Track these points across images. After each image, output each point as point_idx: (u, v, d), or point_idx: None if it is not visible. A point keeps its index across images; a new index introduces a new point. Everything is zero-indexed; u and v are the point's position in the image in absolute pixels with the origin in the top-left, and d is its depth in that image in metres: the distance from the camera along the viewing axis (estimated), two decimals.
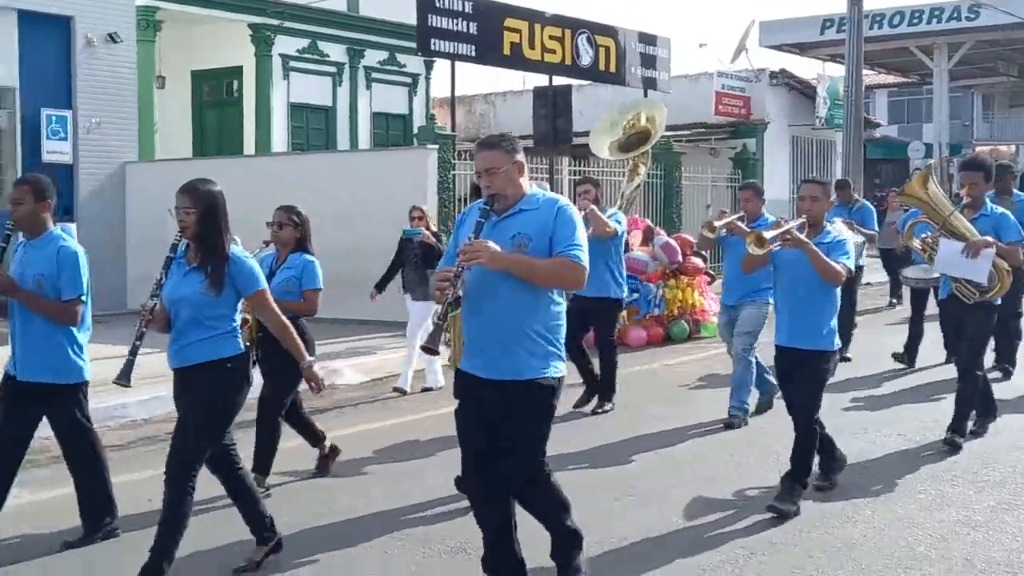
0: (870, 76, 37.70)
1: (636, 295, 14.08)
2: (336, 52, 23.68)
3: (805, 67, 33.26)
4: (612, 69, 20.61)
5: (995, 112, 53.10)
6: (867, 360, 12.13)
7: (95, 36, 18.05)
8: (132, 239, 17.61)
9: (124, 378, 5.50)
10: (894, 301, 17.69)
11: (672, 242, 14.57)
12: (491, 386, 4.76)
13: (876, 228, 13.02)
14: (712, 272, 15.64)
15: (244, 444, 7.24)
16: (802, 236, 6.51)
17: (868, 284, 18.61)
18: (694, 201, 21.80)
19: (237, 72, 22.60)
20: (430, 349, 4.93)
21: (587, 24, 19.85)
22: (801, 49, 32.30)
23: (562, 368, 4.83)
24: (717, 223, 8.01)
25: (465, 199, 17.19)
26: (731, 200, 23.57)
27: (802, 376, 6.69)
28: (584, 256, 4.72)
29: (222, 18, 21.56)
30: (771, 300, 7.65)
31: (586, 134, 23.70)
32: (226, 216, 5.49)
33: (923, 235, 7.99)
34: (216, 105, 23.21)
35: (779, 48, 32.12)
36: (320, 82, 23.54)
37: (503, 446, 4.78)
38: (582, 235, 4.77)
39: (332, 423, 9.56)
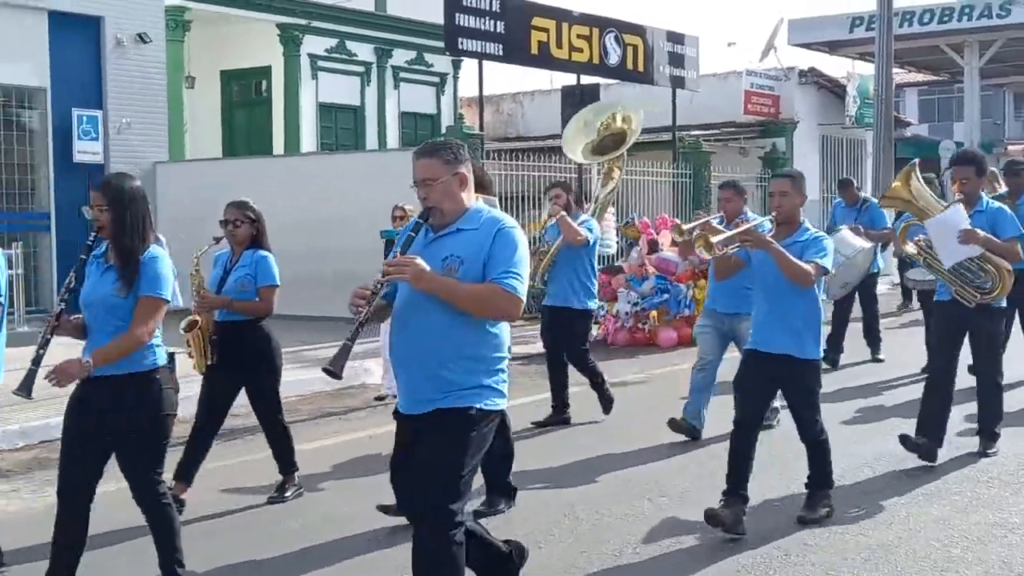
0: (900, 74, 37.44)
1: (666, 295, 14.04)
2: (364, 52, 23.72)
3: (834, 66, 33.08)
4: (640, 68, 20.54)
5: None
6: (896, 362, 12.03)
7: (124, 36, 18.13)
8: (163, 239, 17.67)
9: (24, 389, 5.02)
10: (908, 304, 17.16)
11: None
12: (415, 420, 4.34)
13: (888, 225, 11.87)
14: None
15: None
16: (764, 236, 6.05)
17: (902, 286, 18.45)
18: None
19: (266, 72, 22.67)
20: (331, 372, 4.19)
21: (615, 23, 19.79)
22: (830, 47, 32.07)
23: (498, 403, 4.33)
24: (686, 226, 7.10)
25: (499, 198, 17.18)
26: (762, 199, 23.47)
27: (787, 390, 6.38)
28: (520, 285, 4.19)
29: (250, 18, 21.63)
30: None
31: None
32: (146, 212, 5.11)
33: (917, 237, 7.61)
34: (245, 105, 23.29)
35: (808, 47, 31.90)
36: (348, 82, 23.58)
37: (415, 476, 4.29)
38: (522, 261, 4.24)
39: (365, 422, 9.58)
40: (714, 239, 6.10)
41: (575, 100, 17.72)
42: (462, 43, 17.10)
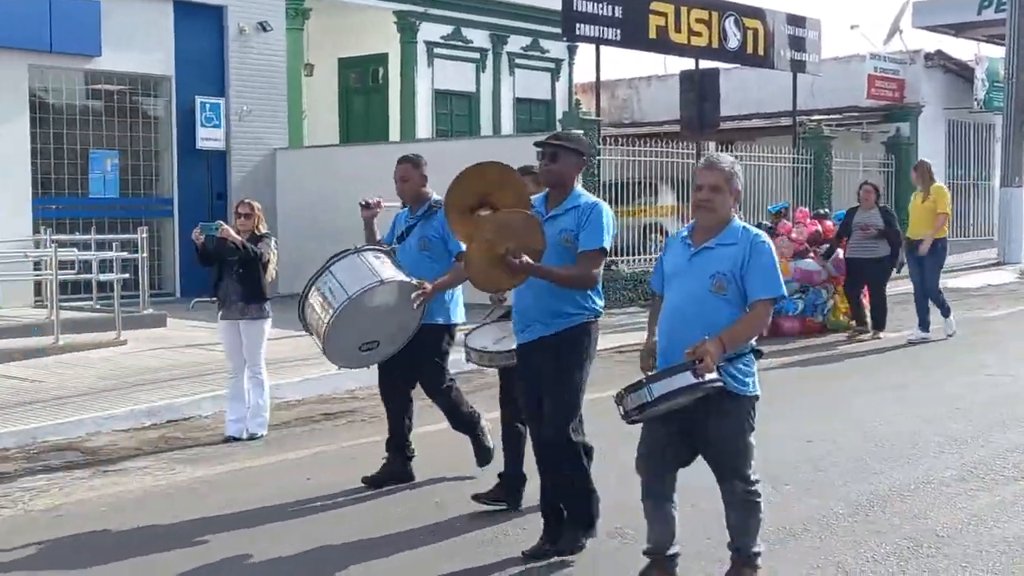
0: None
1: (801, 303, 13.67)
2: (480, 38, 23.74)
3: (961, 48, 32.13)
4: (760, 52, 20.20)
5: None
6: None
7: (247, 25, 18.47)
8: (282, 224, 17.87)
9: None
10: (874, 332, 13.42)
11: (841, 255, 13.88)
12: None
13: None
14: None
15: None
16: None
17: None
18: (844, 186, 21.20)
19: (382, 59, 22.84)
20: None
21: (734, 6, 19.47)
22: (957, 30, 31.12)
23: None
24: None
25: (610, 185, 17.05)
26: (884, 185, 22.90)
27: None
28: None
29: (368, 6, 21.81)
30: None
31: (734, 118, 23.43)
32: None
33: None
34: (362, 92, 23.50)
35: (933, 29, 30.99)
36: (464, 68, 23.64)
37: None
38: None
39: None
40: None
41: (694, 85, 17.48)
42: (580, 28, 17.01)
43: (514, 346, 5.78)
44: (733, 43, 19.38)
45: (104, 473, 7.54)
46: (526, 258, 5.11)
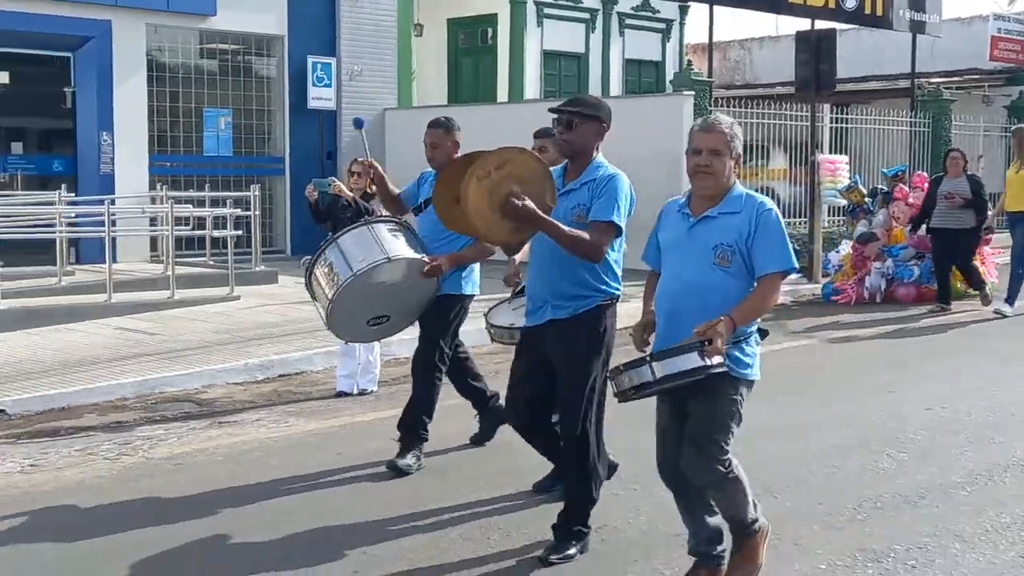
0: None
1: (917, 270, 13.37)
2: None
3: None
4: (879, 12, 19.68)
5: None
6: None
7: None
8: (391, 183, 18.03)
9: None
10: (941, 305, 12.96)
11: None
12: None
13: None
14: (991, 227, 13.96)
15: None
16: None
17: None
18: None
19: (492, 20, 22.77)
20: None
21: None
22: None
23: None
24: None
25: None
26: (1005, 150, 22.20)
27: None
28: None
29: None
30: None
31: (850, 80, 22.90)
32: None
33: None
34: (471, 52, 23.47)
35: None
36: (573, 29, 23.45)
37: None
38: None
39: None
40: None
41: (809, 46, 17.05)
42: None
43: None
44: (850, 3, 18.92)
45: (219, 424, 7.70)
46: (530, 203, 4.64)
